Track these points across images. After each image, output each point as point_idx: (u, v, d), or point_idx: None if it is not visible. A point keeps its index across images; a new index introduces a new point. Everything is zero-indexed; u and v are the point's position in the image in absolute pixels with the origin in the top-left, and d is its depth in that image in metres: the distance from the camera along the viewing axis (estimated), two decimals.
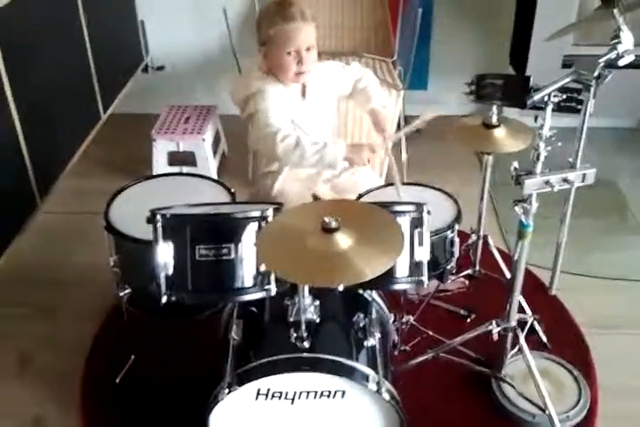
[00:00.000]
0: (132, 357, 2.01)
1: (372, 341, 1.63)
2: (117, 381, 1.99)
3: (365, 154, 1.97)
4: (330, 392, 1.53)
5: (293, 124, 1.98)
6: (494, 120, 1.91)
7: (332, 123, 2.19)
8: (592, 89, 1.54)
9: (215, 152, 3.11)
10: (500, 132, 1.92)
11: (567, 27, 1.81)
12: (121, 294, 1.85)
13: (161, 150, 2.96)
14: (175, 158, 2.98)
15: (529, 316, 2.04)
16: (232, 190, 1.95)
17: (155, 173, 2.89)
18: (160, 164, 2.97)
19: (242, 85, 2.06)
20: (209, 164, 2.99)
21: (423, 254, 1.63)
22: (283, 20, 1.91)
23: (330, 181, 2.17)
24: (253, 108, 1.98)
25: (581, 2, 2.80)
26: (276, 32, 1.92)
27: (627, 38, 1.58)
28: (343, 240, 1.34)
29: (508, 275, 2.18)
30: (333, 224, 1.34)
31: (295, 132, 1.93)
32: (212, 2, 3.12)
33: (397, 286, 1.68)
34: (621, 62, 1.57)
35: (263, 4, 2.14)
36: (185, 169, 2.96)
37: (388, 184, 2.07)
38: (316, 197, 2.11)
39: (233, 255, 1.53)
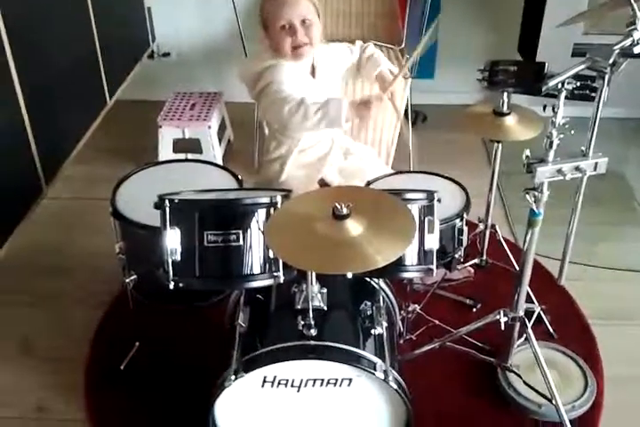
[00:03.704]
0: (137, 344, 2.01)
1: (380, 329, 1.61)
2: (122, 368, 1.98)
3: (372, 108, 1.89)
4: (337, 380, 1.52)
5: None
6: (505, 108, 1.89)
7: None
8: (607, 76, 1.52)
9: (221, 139, 3.09)
10: (510, 120, 1.91)
11: (581, 13, 1.79)
12: (126, 280, 1.84)
13: (166, 137, 2.95)
14: (181, 145, 2.96)
15: (536, 306, 2.03)
16: (239, 177, 1.94)
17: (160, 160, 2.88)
18: (165, 151, 2.96)
19: (253, 63, 2.07)
20: (214, 151, 2.97)
21: (433, 243, 1.61)
22: None
23: (337, 164, 2.16)
24: (266, 82, 1.98)
25: None
26: (270, 8, 1.96)
27: None
28: (354, 227, 1.33)
29: (516, 265, 2.17)
30: (344, 211, 1.32)
31: (300, 96, 1.92)
32: None
33: (406, 275, 1.66)
34: (637, 50, 1.54)
35: None
36: (190, 156, 2.95)
37: (397, 172, 2.06)
38: (323, 183, 2.11)
39: (241, 242, 1.51)
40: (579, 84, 1.53)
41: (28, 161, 2.17)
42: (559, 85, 1.50)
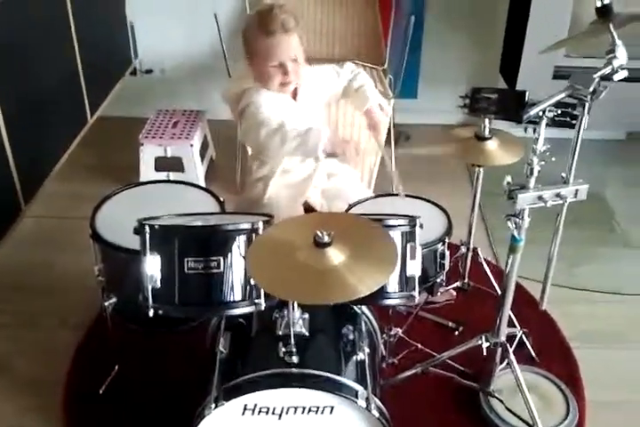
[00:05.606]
0: (116, 367, 1.98)
1: (362, 355, 1.60)
2: (101, 392, 1.95)
3: (350, 150, 1.89)
4: (318, 408, 1.51)
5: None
6: (486, 133, 1.90)
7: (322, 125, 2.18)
8: (587, 104, 1.53)
9: (203, 158, 3.08)
10: (492, 145, 1.91)
11: (562, 40, 1.81)
12: (106, 303, 1.81)
13: (148, 155, 2.92)
14: (162, 164, 2.94)
15: (517, 329, 2.03)
16: (221, 199, 1.92)
17: (141, 179, 2.85)
18: (147, 169, 2.93)
19: (235, 84, 2.07)
20: (196, 170, 2.95)
21: (415, 269, 1.61)
22: (265, 35, 1.91)
23: (320, 186, 2.15)
24: (246, 102, 1.98)
25: (574, 14, 2.81)
26: (259, 46, 1.93)
27: (621, 53, 1.56)
28: (335, 255, 1.32)
29: (497, 287, 2.17)
30: (326, 239, 1.31)
31: (279, 120, 1.91)
32: (202, 6, 3.11)
33: (388, 302, 1.64)
34: (616, 77, 1.56)
35: (254, 9, 2.13)
36: (172, 175, 2.93)
37: (378, 195, 2.06)
38: (308, 206, 2.10)
39: (222, 268, 1.49)
40: (559, 111, 1.54)
41: (6, 179, 2.14)
42: (540, 113, 1.51)
